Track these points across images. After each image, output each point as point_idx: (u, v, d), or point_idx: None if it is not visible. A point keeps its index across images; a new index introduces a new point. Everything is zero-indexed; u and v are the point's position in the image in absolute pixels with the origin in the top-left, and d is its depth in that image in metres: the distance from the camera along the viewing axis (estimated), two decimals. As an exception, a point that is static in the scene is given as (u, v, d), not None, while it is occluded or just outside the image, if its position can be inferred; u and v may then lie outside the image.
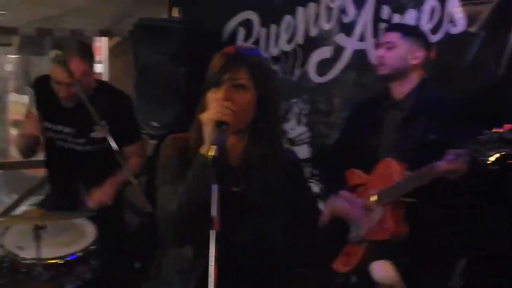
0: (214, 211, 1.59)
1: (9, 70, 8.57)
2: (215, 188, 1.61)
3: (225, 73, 1.81)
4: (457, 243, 2.74)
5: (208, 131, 1.72)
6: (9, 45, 6.91)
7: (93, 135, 3.37)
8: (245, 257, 1.88)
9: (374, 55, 2.96)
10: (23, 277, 3.01)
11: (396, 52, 2.81)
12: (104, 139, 3.17)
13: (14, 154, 7.25)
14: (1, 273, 3.08)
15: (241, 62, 1.84)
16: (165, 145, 2.01)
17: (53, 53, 3.18)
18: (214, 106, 1.76)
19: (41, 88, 3.48)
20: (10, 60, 8.51)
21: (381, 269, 2.71)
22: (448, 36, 3.08)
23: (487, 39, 2.94)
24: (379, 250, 2.76)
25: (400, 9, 3.32)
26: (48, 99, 3.41)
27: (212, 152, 1.61)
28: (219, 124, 1.72)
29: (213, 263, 1.56)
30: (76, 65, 3.23)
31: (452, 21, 3.08)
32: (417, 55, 2.81)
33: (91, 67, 3.43)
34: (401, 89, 2.86)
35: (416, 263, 2.68)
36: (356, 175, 2.94)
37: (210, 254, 1.56)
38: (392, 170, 2.71)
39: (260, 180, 1.88)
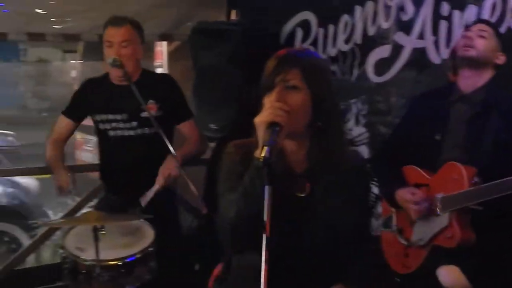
0: (266, 214, 1.57)
1: (73, 76, 8.77)
2: (267, 190, 1.59)
3: (277, 75, 1.79)
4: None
5: (260, 133, 1.69)
6: (74, 51, 7.05)
7: (144, 114, 3.40)
8: (311, 261, 1.84)
9: (461, 35, 2.80)
10: (84, 278, 3.04)
11: (487, 43, 2.68)
12: (155, 119, 3.23)
13: (80, 156, 7.42)
14: (63, 274, 3.13)
15: (292, 63, 1.81)
16: (227, 152, 1.99)
17: (110, 58, 3.29)
18: (266, 108, 1.73)
19: (95, 86, 3.63)
20: (75, 66, 8.70)
21: (450, 275, 2.60)
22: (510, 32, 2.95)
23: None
24: (444, 255, 2.64)
25: (460, 5, 3.22)
26: (97, 94, 3.55)
27: (263, 154, 1.59)
28: (271, 126, 1.68)
29: (264, 267, 1.55)
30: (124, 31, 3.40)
31: (517, 15, 2.97)
32: (501, 57, 2.69)
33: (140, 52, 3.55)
34: (471, 82, 2.71)
35: (484, 268, 2.57)
36: (417, 173, 2.79)
37: (262, 258, 1.55)
38: (461, 175, 2.55)
39: (325, 185, 1.82)
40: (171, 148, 3.25)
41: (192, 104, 4.13)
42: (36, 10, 4.20)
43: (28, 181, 6.50)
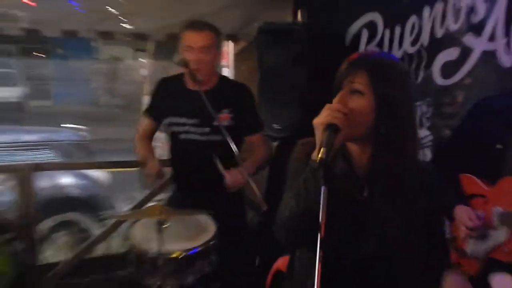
0: (322, 215, 1.55)
1: (143, 74, 8.93)
2: (323, 191, 1.57)
3: (345, 78, 1.76)
4: None
5: (318, 134, 1.67)
6: (144, 50, 7.17)
7: (216, 123, 3.40)
8: (370, 264, 1.80)
9: None
10: (148, 268, 3.11)
11: None
12: (227, 128, 3.23)
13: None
14: (129, 263, 3.21)
15: (360, 66, 1.76)
16: (295, 151, 1.98)
17: (177, 57, 3.30)
18: (325, 110, 1.71)
19: (169, 86, 3.63)
20: (145, 65, 8.86)
21: (504, 283, 2.52)
22: None
23: None
24: (499, 268, 2.55)
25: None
26: (173, 96, 3.54)
27: (320, 155, 1.59)
28: (329, 127, 1.65)
29: (318, 267, 1.51)
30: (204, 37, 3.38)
31: None
32: None
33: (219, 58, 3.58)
34: None
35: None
36: (474, 183, 2.69)
37: (317, 257, 1.52)
38: None
39: (385, 190, 1.76)
40: (237, 159, 3.33)
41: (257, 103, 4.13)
42: (108, 8, 4.25)
43: (98, 174, 6.67)
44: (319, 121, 1.69)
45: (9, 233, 2.86)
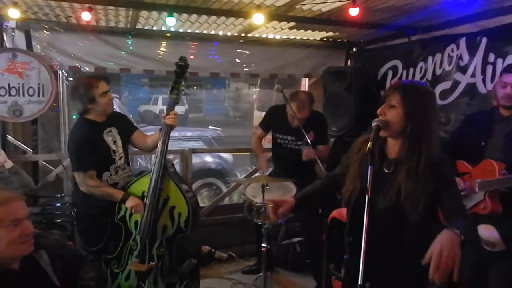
0: (369, 184, 1.49)
1: (254, 97, 9.04)
2: (370, 169, 1.51)
3: (387, 96, 1.67)
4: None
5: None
6: (255, 84, 7.19)
7: (305, 139, 3.35)
8: (385, 219, 1.65)
9: (501, 93, 2.44)
10: (255, 213, 3.11)
11: None
12: (310, 142, 3.19)
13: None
14: (243, 209, 3.22)
15: (395, 89, 1.66)
16: (356, 141, 1.86)
17: (276, 87, 3.30)
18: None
19: (275, 113, 3.65)
20: (255, 92, 8.96)
21: (487, 231, 2.38)
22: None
23: None
24: (479, 219, 2.41)
25: (503, 55, 2.89)
26: (280, 119, 3.54)
27: (368, 146, 1.55)
28: (377, 128, 1.62)
29: (366, 219, 1.43)
30: (305, 110, 3.39)
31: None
32: None
33: (311, 107, 3.48)
34: (508, 113, 2.44)
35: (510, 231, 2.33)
36: (464, 165, 2.55)
37: (365, 211, 1.44)
38: (493, 168, 2.34)
39: (406, 168, 1.63)
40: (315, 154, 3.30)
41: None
42: (236, 59, 4.34)
43: (227, 156, 6.73)
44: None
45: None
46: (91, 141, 2.66)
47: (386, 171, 1.71)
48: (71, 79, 4.36)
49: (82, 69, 3.81)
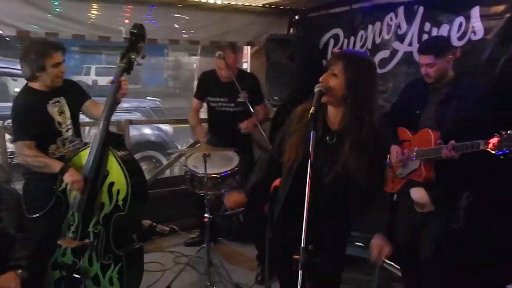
0: (312, 148, 1.52)
1: (194, 66, 8.85)
2: (312, 134, 1.54)
3: (330, 65, 1.71)
4: (462, 181, 2.52)
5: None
6: (196, 54, 7.01)
7: (238, 100, 3.39)
8: (331, 189, 1.73)
9: (422, 71, 2.57)
10: (197, 184, 3.15)
11: (434, 68, 2.49)
12: (244, 103, 3.22)
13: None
14: (185, 181, 3.24)
15: (337, 58, 1.71)
16: (296, 108, 1.90)
17: (218, 53, 3.27)
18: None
19: (204, 78, 3.68)
20: (195, 61, 8.77)
21: (418, 193, 2.55)
22: (471, 42, 2.76)
23: (499, 43, 2.60)
24: (414, 184, 2.57)
25: (437, 24, 3.03)
26: (211, 83, 3.51)
27: (311, 111, 1.58)
28: (319, 93, 1.65)
29: (309, 183, 1.46)
30: (230, 58, 3.42)
31: (474, 31, 2.75)
32: (449, 59, 2.50)
33: (235, 53, 3.58)
34: (439, 84, 2.56)
35: (440, 192, 2.51)
36: (406, 133, 2.67)
37: (308, 175, 1.48)
38: (430, 137, 2.46)
39: (349, 138, 1.69)
40: (254, 116, 3.35)
41: (264, 86, 4.12)
42: (174, 25, 4.19)
43: (167, 127, 6.59)
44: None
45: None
46: (32, 111, 2.53)
47: (329, 141, 1.75)
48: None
49: (2, 32, 3.49)
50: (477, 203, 2.64)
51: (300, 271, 1.33)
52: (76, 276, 2.51)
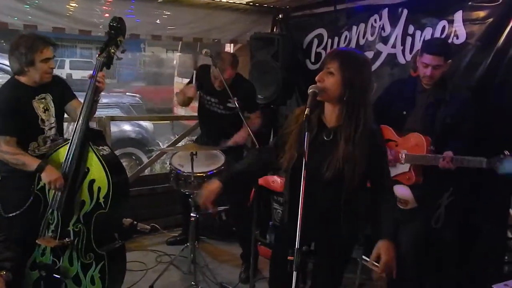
0: (306, 149, 1.52)
1: (175, 63, 8.75)
2: (306, 136, 1.53)
3: (325, 63, 1.71)
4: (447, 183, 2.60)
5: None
6: (173, 50, 6.92)
7: (229, 104, 3.35)
8: (331, 187, 1.73)
9: (422, 72, 2.51)
10: (182, 183, 3.09)
11: (440, 70, 2.46)
12: (234, 108, 3.17)
13: (177, 111, 7.39)
14: (170, 180, 3.17)
15: (333, 56, 1.71)
16: (293, 111, 1.90)
17: (203, 50, 3.19)
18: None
19: (203, 72, 3.50)
20: (176, 57, 8.66)
21: (401, 190, 2.56)
22: (453, 46, 2.81)
23: (481, 48, 2.67)
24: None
25: (421, 27, 3.09)
26: (206, 80, 3.43)
27: (306, 112, 1.58)
28: (313, 94, 1.65)
29: (303, 183, 1.47)
30: (227, 73, 3.27)
31: (456, 35, 2.82)
32: (450, 63, 2.51)
33: (235, 68, 3.40)
34: (430, 86, 2.55)
35: (422, 192, 2.56)
36: (390, 132, 2.63)
37: (303, 175, 1.49)
38: (422, 143, 2.46)
39: (345, 136, 1.70)
40: (245, 125, 3.16)
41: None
42: (156, 21, 4.13)
43: (147, 124, 6.53)
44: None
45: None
46: (15, 106, 2.45)
47: (325, 138, 1.76)
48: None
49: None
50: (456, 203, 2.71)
51: (294, 272, 1.33)
52: (56, 276, 2.47)
